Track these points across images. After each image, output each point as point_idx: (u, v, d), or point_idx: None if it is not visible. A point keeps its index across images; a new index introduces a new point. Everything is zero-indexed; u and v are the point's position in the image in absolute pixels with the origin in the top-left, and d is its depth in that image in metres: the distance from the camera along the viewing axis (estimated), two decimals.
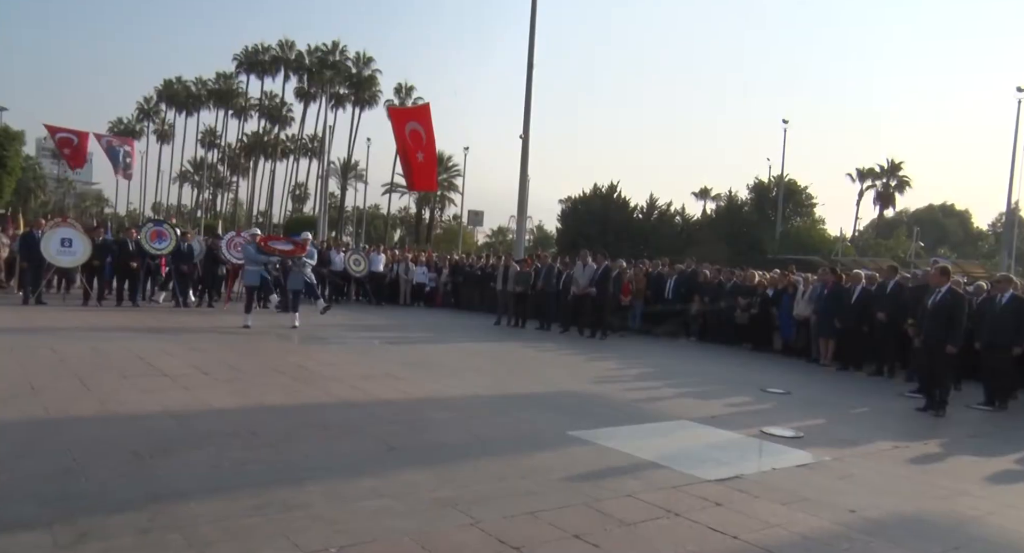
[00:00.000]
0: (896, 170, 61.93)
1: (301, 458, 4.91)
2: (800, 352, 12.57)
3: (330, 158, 48.02)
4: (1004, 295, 9.21)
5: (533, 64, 21.22)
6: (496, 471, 4.89)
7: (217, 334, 11.17)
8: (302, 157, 71.70)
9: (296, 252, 12.39)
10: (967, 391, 9.67)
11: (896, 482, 5.32)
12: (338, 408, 6.60)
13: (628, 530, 3.97)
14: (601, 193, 42.15)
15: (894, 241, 49.74)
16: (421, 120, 17.11)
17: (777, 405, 8.19)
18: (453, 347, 12.10)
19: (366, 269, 18.42)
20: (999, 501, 4.99)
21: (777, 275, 14.37)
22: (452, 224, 63.35)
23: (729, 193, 47.42)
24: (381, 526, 3.76)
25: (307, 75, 68.63)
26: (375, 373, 8.47)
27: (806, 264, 24.43)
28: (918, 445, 6.59)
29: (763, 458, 5.85)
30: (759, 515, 4.32)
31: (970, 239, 66.52)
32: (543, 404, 7.45)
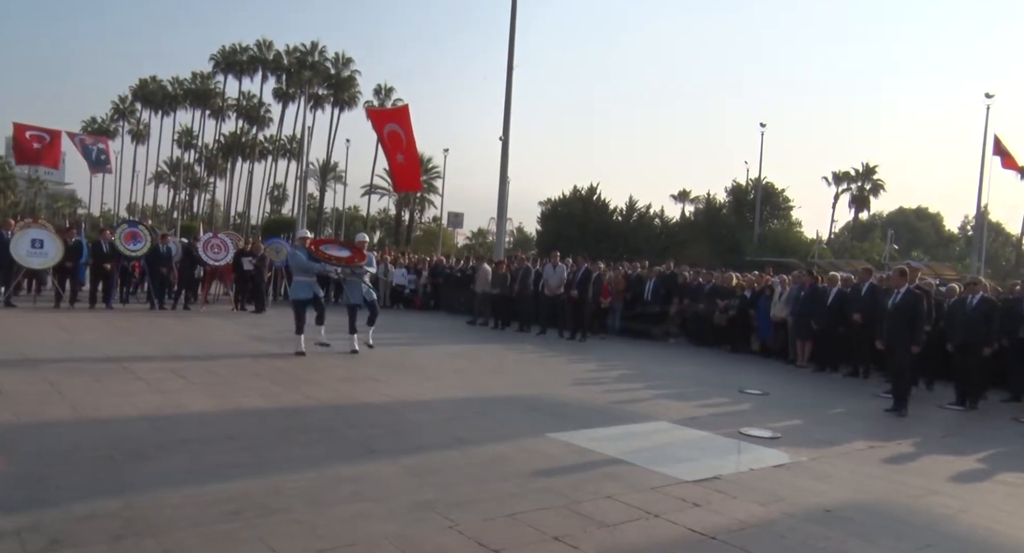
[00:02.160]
0: (871, 174, 62.81)
1: (280, 462, 4.86)
2: (777, 353, 12.70)
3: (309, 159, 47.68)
4: (974, 297, 9.39)
5: (513, 66, 21.26)
6: (476, 473, 4.89)
7: (193, 336, 11.03)
8: (280, 158, 71.12)
9: (355, 259, 10.23)
10: (939, 392, 9.84)
11: (871, 482, 5.39)
12: (317, 411, 6.56)
13: (608, 531, 3.98)
14: (581, 195, 42.27)
15: (869, 244, 50.38)
16: (400, 122, 17.03)
17: (755, 406, 8.27)
18: (433, 349, 12.06)
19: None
20: (969, 499, 5.08)
21: (755, 277, 14.53)
22: (432, 226, 63.14)
23: (708, 196, 47.78)
24: (360, 530, 3.74)
25: (285, 75, 68.08)
26: (355, 376, 8.42)
27: (784, 266, 24.71)
28: (892, 445, 6.69)
29: (741, 459, 5.90)
30: (737, 516, 4.36)
31: (942, 242, 67.57)
32: (523, 406, 7.45)
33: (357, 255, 10.31)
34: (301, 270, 9.88)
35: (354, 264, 10.19)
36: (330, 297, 12.72)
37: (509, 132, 21.40)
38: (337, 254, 10.24)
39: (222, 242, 15.30)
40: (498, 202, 22.50)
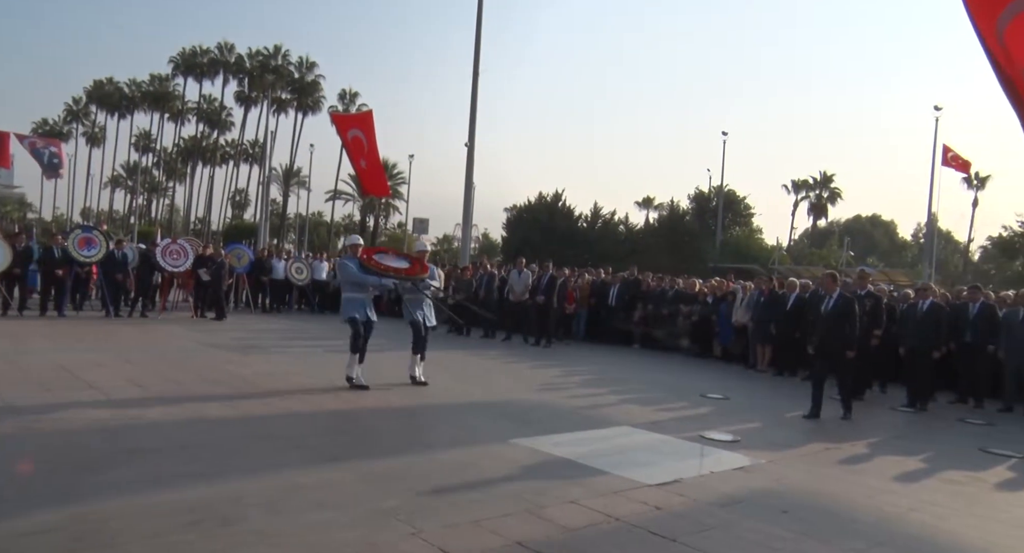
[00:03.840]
0: (828, 182, 64.38)
1: (239, 471, 4.79)
2: (738, 358, 12.92)
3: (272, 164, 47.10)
4: (925, 302, 9.69)
5: (479, 72, 21.30)
6: (440, 480, 4.88)
7: (151, 344, 10.79)
8: (242, 163, 70.03)
9: (415, 271, 8.53)
10: (892, 394, 10.12)
11: (826, 483, 5.53)
12: (279, 418, 6.47)
13: (570, 536, 4.01)
14: (546, 201, 42.52)
15: (827, 250, 51.65)
16: (363, 127, 16.90)
17: (715, 410, 8.40)
18: (396, 355, 11.96)
19: (308, 277, 18.11)
20: (918, 498, 5.24)
21: (717, 283, 14.77)
22: (397, 232, 62.78)
23: (671, 202, 48.49)
24: (322, 538, 3.71)
25: (247, 79, 67.13)
26: (317, 383, 8.32)
27: (745, 272, 25.16)
28: (847, 446, 6.86)
29: (702, 462, 5.99)
30: (697, 518, 4.43)
31: (896, 248, 69.66)
32: (487, 412, 7.46)
33: (417, 266, 8.62)
34: (352, 284, 8.18)
35: (416, 276, 8.51)
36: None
37: (475, 138, 21.41)
38: (394, 265, 8.52)
39: (181, 248, 15.00)
40: (463, 208, 22.47)
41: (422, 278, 8.59)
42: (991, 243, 55.20)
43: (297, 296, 18.50)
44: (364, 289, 8.22)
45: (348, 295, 8.25)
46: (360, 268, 8.20)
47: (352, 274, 8.15)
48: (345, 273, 8.27)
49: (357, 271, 8.15)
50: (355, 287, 8.16)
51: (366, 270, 8.19)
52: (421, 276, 8.57)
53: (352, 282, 8.17)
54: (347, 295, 8.27)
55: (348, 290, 8.26)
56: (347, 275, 8.23)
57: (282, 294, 18.04)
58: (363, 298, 8.20)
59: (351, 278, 8.16)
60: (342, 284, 8.54)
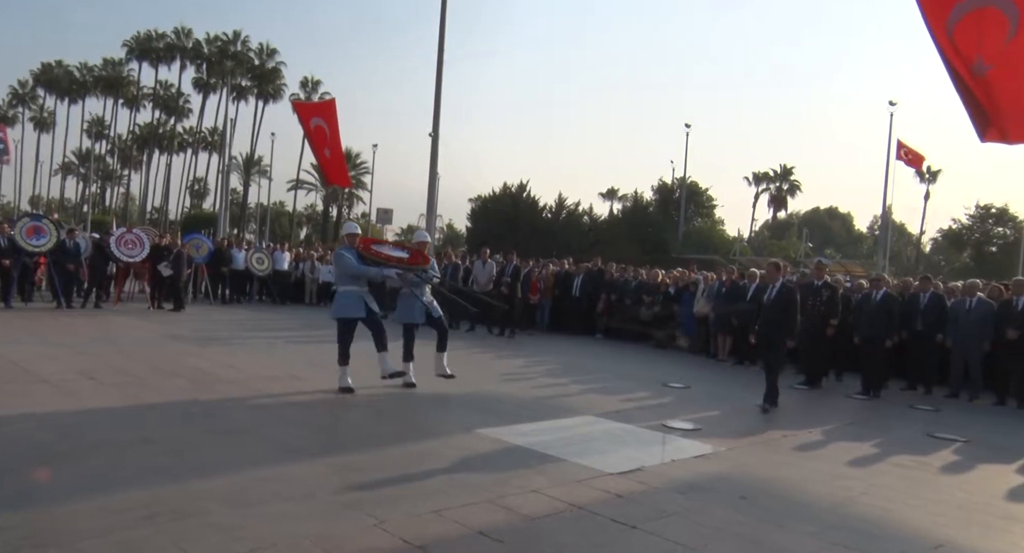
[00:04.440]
0: (788, 175, 65.58)
1: (198, 464, 4.71)
2: (700, 348, 13.12)
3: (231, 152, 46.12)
4: (879, 293, 9.96)
5: (443, 62, 21.14)
6: (402, 470, 4.87)
7: (105, 336, 10.51)
8: (201, 151, 68.34)
9: (415, 261, 7.95)
10: (847, 382, 10.39)
11: (783, 469, 5.66)
12: (238, 410, 6.38)
13: (532, 525, 4.04)
14: (511, 192, 42.46)
15: (786, 242, 52.69)
16: (325, 116, 16.69)
17: (677, 399, 8.53)
18: (359, 347, 11.87)
19: (270, 268, 17.84)
20: (869, 482, 5.40)
21: (679, 274, 14.96)
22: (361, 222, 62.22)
23: (635, 194, 48.87)
24: (282, 531, 3.67)
25: (206, 65, 65.51)
26: (278, 374, 8.22)
27: (707, 263, 25.53)
28: (803, 433, 7.03)
29: (663, 450, 6.08)
30: (658, 505, 4.50)
31: (852, 240, 71.30)
32: (450, 402, 7.46)
33: (417, 257, 8.01)
34: (350, 277, 7.55)
35: (418, 267, 7.92)
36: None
37: (439, 128, 21.27)
38: (394, 254, 7.94)
39: (137, 238, 14.62)
40: (428, 199, 22.32)
41: (424, 269, 7.99)
42: (941, 235, 56.97)
43: (258, 287, 18.22)
44: (362, 282, 7.62)
45: (344, 289, 7.59)
46: (359, 258, 7.61)
47: (350, 265, 7.47)
48: (343, 265, 7.53)
49: (356, 262, 7.51)
50: (352, 280, 7.55)
51: (364, 260, 7.64)
52: (423, 267, 7.98)
53: (350, 275, 7.52)
54: (343, 289, 7.61)
55: (344, 283, 7.61)
56: (345, 267, 7.50)
57: (243, 285, 17.75)
58: (361, 292, 7.58)
59: (349, 270, 7.49)
60: (338, 277, 7.86)
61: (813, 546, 4.01)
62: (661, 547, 3.83)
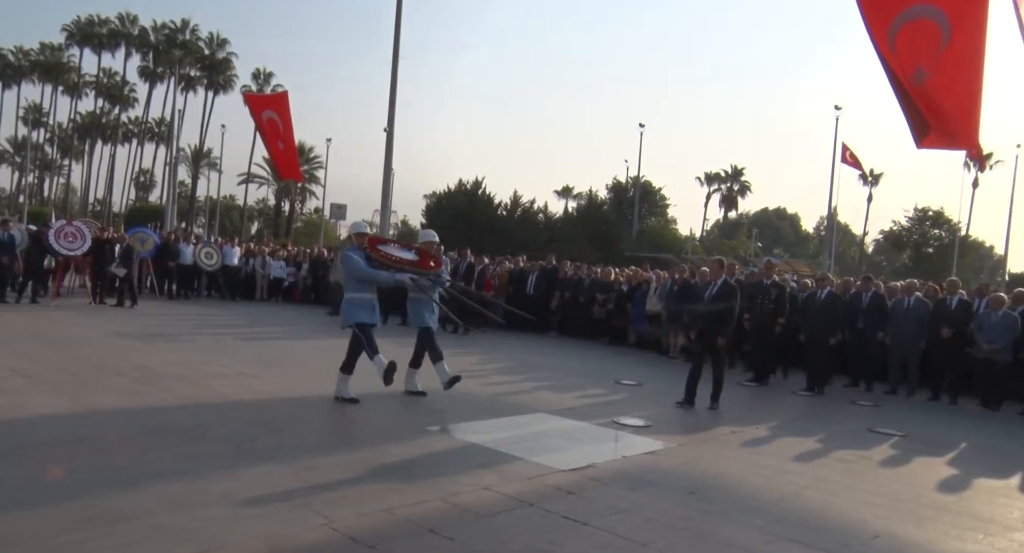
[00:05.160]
0: (738, 175, 67.04)
1: (140, 464, 4.57)
2: (652, 345, 13.32)
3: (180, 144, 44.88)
4: (823, 292, 10.26)
5: (399, 56, 20.94)
6: (353, 469, 4.81)
7: (42, 332, 10.11)
8: (147, 142, 66.21)
9: (426, 264, 7.41)
10: (793, 379, 10.67)
11: (730, 464, 5.78)
12: (184, 409, 6.21)
13: (483, 522, 4.04)
14: (466, 189, 42.42)
15: (736, 241, 53.85)
16: (278, 108, 16.42)
17: (629, 396, 8.64)
18: (312, 344, 11.72)
19: (219, 263, 17.41)
20: (813, 476, 5.57)
21: (632, 272, 15.15)
22: (314, 217, 61.20)
23: (590, 192, 49.32)
24: (230, 532, 3.59)
25: (153, 53, 63.47)
26: (226, 372, 8.03)
27: (660, 262, 25.91)
28: (751, 429, 7.20)
29: (614, 447, 6.16)
30: (609, 502, 4.55)
31: (799, 240, 73.30)
32: (403, 400, 7.41)
33: (428, 260, 7.51)
34: (358, 282, 6.96)
35: (430, 272, 7.43)
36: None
37: (394, 123, 21.09)
38: (403, 256, 7.38)
39: (77, 230, 14.09)
40: (382, 194, 22.15)
41: (438, 274, 7.52)
42: (883, 236, 59.02)
43: (207, 282, 17.77)
44: (372, 288, 7.05)
45: (353, 295, 6.97)
46: (367, 260, 7.04)
47: (360, 269, 6.91)
48: (352, 268, 6.93)
49: (366, 265, 6.98)
50: (362, 285, 6.95)
51: (373, 264, 7.06)
52: (436, 272, 7.52)
53: (360, 279, 6.92)
54: (351, 295, 6.98)
55: (353, 288, 6.98)
56: (354, 270, 6.91)
57: (191, 280, 17.30)
58: (371, 298, 7.02)
59: (359, 274, 6.90)
60: (346, 281, 7.19)
61: (759, 539, 4.11)
62: (612, 543, 3.88)
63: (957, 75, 6.99)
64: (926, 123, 7.04)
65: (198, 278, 17.49)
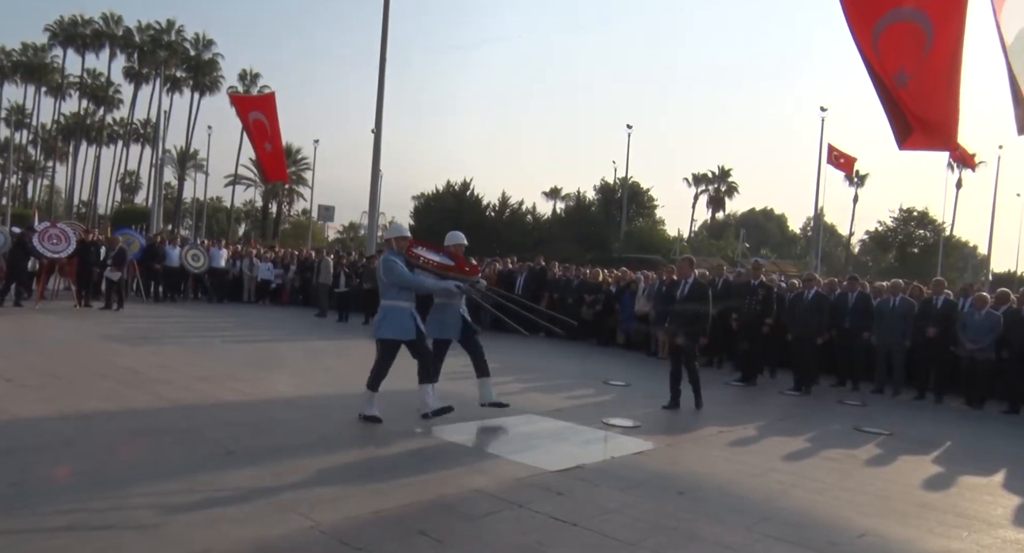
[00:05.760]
0: (726, 176, 67.39)
1: (126, 468, 4.54)
2: (640, 346, 13.35)
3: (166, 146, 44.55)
4: (810, 292, 10.32)
5: (386, 58, 20.90)
6: (341, 471, 4.79)
7: (26, 336, 10.01)
8: (133, 143, 65.66)
9: (463, 269, 6.72)
10: (781, 379, 10.73)
11: (718, 464, 5.81)
12: (171, 412, 6.16)
13: (472, 524, 4.04)
14: (454, 190, 42.41)
15: (724, 242, 54.12)
16: (265, 110, 16.37)
17: (618, 397, 8.65)
18: (300, 346, 11.68)
19: (206, 265, 17.30)
20: (800, 475, 5.60)
21: (620, 273, 15.19)
22: (301, 219, 60.95)
23: (577, 193, 49.41)
24: (216, 535, 3.57)
25: (138, 54, 62.96)
26: (214, 374, 7.98)
27: (648, 263, 26.01)
28: (738, 429, 7.23)
29: (603, 448, 6.17)
30: (598, 502, 4.56)
31: (786, 241, 73.78)
32: (391, 402, 7.36)
33: (464, 265, 6.84)
34: (400, 290, 6.30)
35: (471, 278, 6.76)
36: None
37: (382, 124, 21.04)
38: (440, 260, 6.63)
39: (62, 232, 13.96)
40: (370, 196, 22.07)
41: (477, 280, 6.93)
42: (868, 237, 59.53)
43: (193, 285, 17.66)
44: (413, 296, 6.43)
45: (393, 303, 6.29)
46: (407, 265, 6.38)
47: (405, 277, 6.25)
48: (396, 275, 6.23)
49: (409, 272, 6.32)
50: (403, 293, 6.32)
51: (411, 265, 6.40)
52: (476, 278, 6.90)
53: (405, 287, 6.28)
54: (392, 303, 6.29)
55: (393, 296, 6.29)
56: (399, 277, 6.23)
57: (177, 283, 17.17)
58: (410, 308, 6.37)
59: (404, 281, 6.24)
60: (385, 289, 6.39)
61: (747, 538, 4.13)
62: (601, 543, 3.88)
63: (939, 77, 7.07)
64: (908, 125, 7.12)
65: (184, 280, 17.37)
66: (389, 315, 6.29)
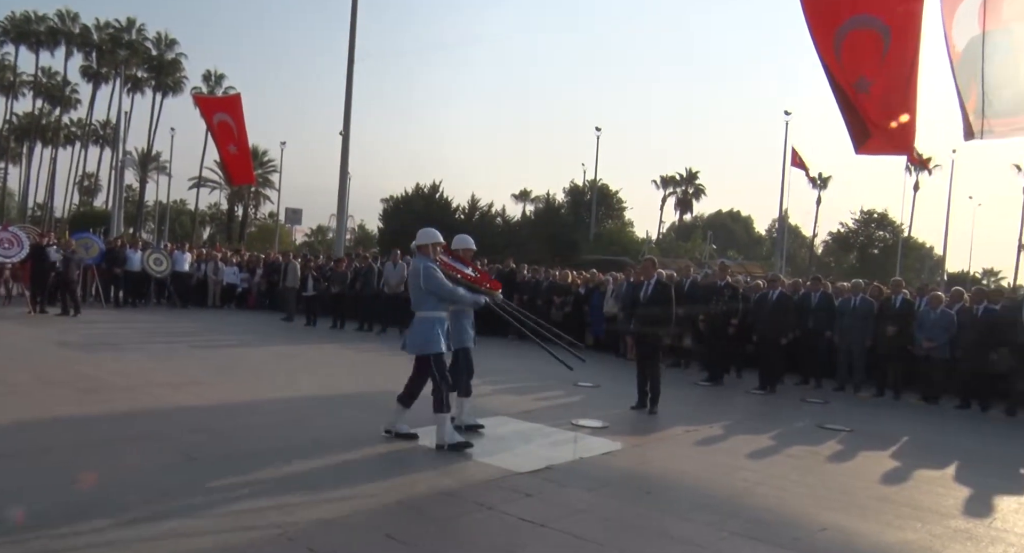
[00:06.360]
0: (693, 179, 68.31)
1: (82, 477, 4.42)
2: (610, 347, 13.45)
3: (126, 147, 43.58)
4: (774, 292, 10.51)
5: (354, 59, 20.77)
6: (309, 476, 4.75)
7: None
8: (92, 145, 64.12)
9: (485, 281, 6.43)
10: (747, 379, 10.90)
11: (686, 463, 5.88)
12: (130, 419, 6.04)
13: (441, 526, 4.04)
14: (423, 193, 42.18)
15: (692, 243, 54.76)
16: (231, 111, 16.14)
17: (587, 398, 8.71)
18: (267, 350, 11.52)
19: (168, 269, 16.97)
20: (765, 473, 5.70)
21: (589, 275, 15.29)
22: (268, 222, 60.13)
23: (547, 195, 49.56)
24: (181, 546, 3.51)
25: (96, 53, 61.49)
26: (178, 381, 7.84)
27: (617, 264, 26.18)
28: (705, 429, 7.33)
29: (572, 448, 6.20)
30: (567, 503, 4.59)
31: (753, 242, 74.99)
32: (360, 406, 7.34)
33: (487, 279, 6.59)
34: (439, 301, 5.86)
35: (495, 292, 6.38)
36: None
37: (350, 127, 20.93)
38: (467, 272, 6.32)
39: (14, 236, 13.60)
40: (338, 199, 21.92)
41: (498, 294, 6.49)
42: (831, 238, 60.79)
43: (156, 289, 17.31)
44: (446, 307, 6.01)
45: (430, 314, 5.81)
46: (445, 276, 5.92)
47: (445, 287, 5.80)
48: (436, 285, 5.75)
49: (446, 282, 5.84)
50: (440, 304, 5.87)
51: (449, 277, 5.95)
52: (497, 291, 6.47)
53: (442, 297, 5.84)
54: (429, 314, 5.80)
55: (431, 307, 5.81)
56: (439, 286, 5.76)
57: (139, 287, 16.82)
58: (444, 318, 5.97)
59: (445, 292, 5.80)
60: (421, 299, 5.83)
61: (713, 536, 4.19)
62: (569, 544, 3.91)
63: (897, 83, 7.28)
64: (866, 130, 7.31)
65: (147, 285, 17.02)
66: (426, 329, 5.80)
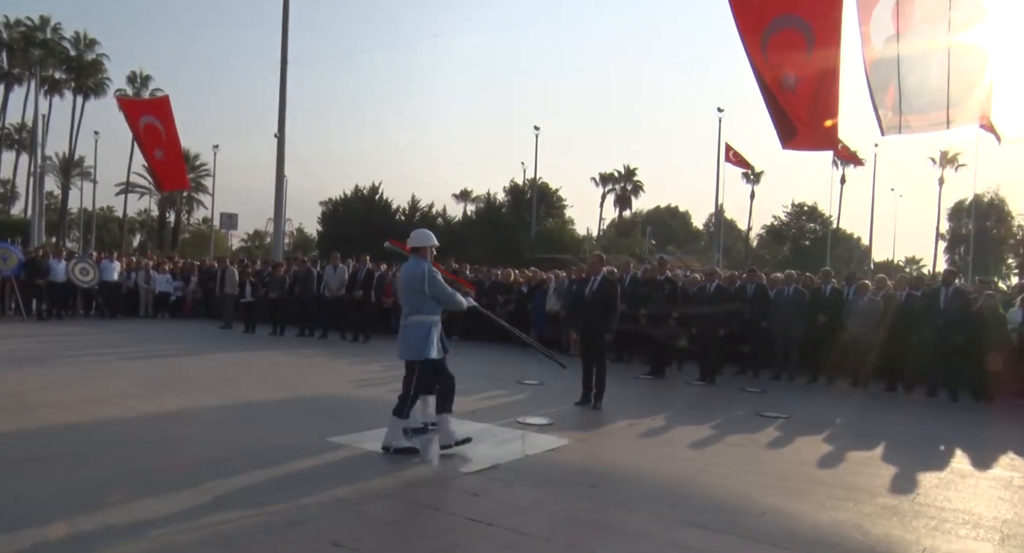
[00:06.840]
0: (632, 175, 69.42)
1: (16, 500, 4.21)
2: (552, 344, 13.55)
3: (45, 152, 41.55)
4: (711, 285, 10.80)
5: (287, 60, 20.33)
6: (252, 486, 4.63)
7: None
8: (6, 149, 60.85)
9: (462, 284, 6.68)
10: (687, 370, 11.15)
11: (630, 455, 5.99)
12: (60, 435, 5.77)
13: (388, 530, 4.00)
14: (362, 195, 41.68)
15: (631, 240, 55.69)
16: (158, 114, 15.60)
17: (531, 395, 8.77)
18: (204, 359, 11.18)
19: (96, 278, 16.28)
20: (707, 461, 5.86)
21: (531, 273, 15.38)
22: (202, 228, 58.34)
23: (488, 195, 49.61)
24: None
25: (7, 53, 58.34)
26: (105, 395, 7.52)
27: (559, 262, 26.41)
28: (647, 421, 7.48)
29: (517, 446, 6.23)
30: (512, 501, 4.61)
31: (690, 237, 76.71)
32: (303, 412, 7.20)
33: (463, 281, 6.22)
34: (436, 304, 5.73)
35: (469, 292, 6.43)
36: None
37: (285, 129, 20.48)
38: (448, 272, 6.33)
39: None
40: (275, 202, 21.46)
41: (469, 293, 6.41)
42: (765, 231, 62.76)
43: (84, 300, 16.58)
44: (436, 311, 5.79)
45: (423, 318, 5.67)
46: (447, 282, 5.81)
47: (447, 291, 5.68)
48: (439, 287, 5.63)
49: (449, 288, 5.75)
50: (437, 308, 5.74)
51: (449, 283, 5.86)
52: (472, 294, 6.44)
53: (441, 301, 5.71)
54: (423, 319, 5.67)
55: (430, 311, 5.69)
56: (441, 290, 5.64)
57: (63, 299, 16.07)
58: (439, 322, 5.83)
59: (446, 296, 5.68)
60: (417, 304, 5.70)
61: (658, 526, 4.27)
62: (516, 541, 3.92)
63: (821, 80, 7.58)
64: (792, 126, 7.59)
65: (73, 296, 16.29)
66: (420, 334, 5.68)
